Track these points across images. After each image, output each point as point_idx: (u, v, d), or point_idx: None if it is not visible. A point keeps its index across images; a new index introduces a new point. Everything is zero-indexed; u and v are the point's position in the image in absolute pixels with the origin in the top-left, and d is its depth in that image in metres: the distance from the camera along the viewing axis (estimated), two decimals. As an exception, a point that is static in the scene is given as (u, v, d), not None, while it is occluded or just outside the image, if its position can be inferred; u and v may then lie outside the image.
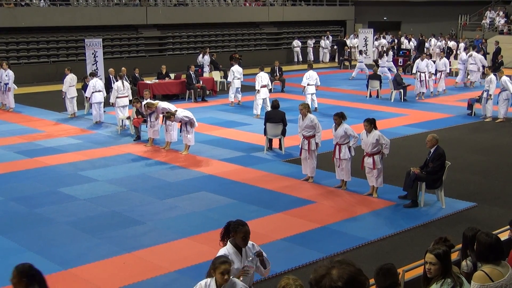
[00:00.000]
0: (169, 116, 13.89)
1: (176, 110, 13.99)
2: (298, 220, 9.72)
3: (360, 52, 28.94)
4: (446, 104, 20.74)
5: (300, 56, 34.22)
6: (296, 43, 34.15)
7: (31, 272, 4.80)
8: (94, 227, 9.40)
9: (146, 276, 7.69)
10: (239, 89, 20.73)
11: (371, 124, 10.74)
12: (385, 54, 27.43)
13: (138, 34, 29.97)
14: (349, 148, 11.13)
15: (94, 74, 18.86)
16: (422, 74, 21.79)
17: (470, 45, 31.87)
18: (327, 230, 9.30)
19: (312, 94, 19.03)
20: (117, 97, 16.71)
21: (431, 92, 22.40)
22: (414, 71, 22.45)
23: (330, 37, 35.06)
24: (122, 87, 17.00)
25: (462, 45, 31.13)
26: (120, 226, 9.45)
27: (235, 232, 5.70)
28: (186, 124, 13.81)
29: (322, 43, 34.66)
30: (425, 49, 31.58)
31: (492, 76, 18.14)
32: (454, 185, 11.38)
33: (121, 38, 29.28)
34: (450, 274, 4.90)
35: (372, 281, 5.03)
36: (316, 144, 11.69)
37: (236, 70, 20.78)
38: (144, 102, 14.75)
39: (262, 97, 18.48)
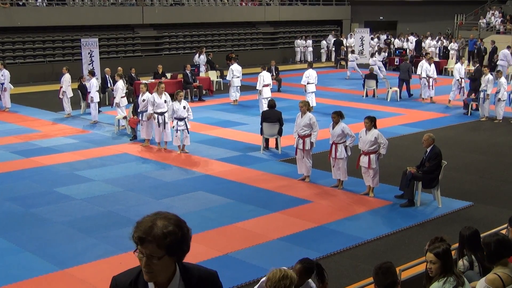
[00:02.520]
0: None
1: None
2: (294, 219, 9.72)
3: (352, 52, 28.95)
4: (442, 103, 20.76)
5: (299, 56, 34.26)
6: (297, 43, 34.24)
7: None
8: (91, 227, 9.38)
9: (142, 276, 7.67)
10: (239, 88, 20.74)
11: (371, 121, 10.75)
12: (376, 53, 27.45)
13: (134, 33, 29.93)
14: (346, 147, 11.14)
15: (93, 73, 18.79)
16: (430, 79, 21.01)
17: (467, 44, 31.95)
18: (323, 229, 9.30)
19: (312, 92, 19.03)
20: (121, 97, 16.68)
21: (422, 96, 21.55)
22: (419, 72, 21.32)
23: (330, 37, 34.98)
24: (124, 87, 17.04)
25: (455, 45, 31.12)
26: (117, 226, 9.43)
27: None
28: (178, 122, 13.78)
29: (324, 43, 34.70)
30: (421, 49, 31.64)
31: (489, 75, 18.11)
32: (451, 184, 11.40)
33: (117, 38, 29.22)
34: (453, 273, 4.88)
35: (368, 280, 5.03)
36: (311, 143, 11.69)
37: (236, 69, 20.82)
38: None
39: (265, 97, 18.38)
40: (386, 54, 29.86)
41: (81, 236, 9.04)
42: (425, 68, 21.12)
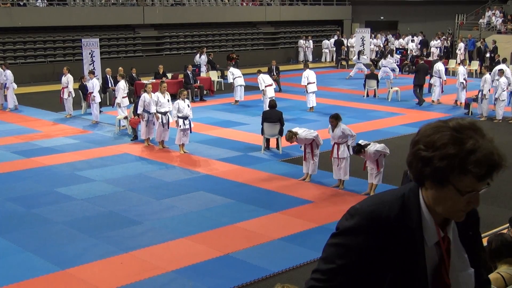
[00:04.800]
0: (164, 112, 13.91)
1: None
2: (295, 219, 9.72)
3: (359, 53, 28.94)
4: (443, 103, 20.75)
5: (301, 55, 34.30)
6: (300, 43, 34.35)
7: None
8: (91, 227, 9.38)
9: (143, 276, 7.68)
10: (243, 87, 20.73)
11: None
12: (389, 55, 27.39)
13: (135, 34, 29.94)
14: (348, 146, 11.16)
15: (93, 73, 18.80)
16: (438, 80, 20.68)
17: (466, 44, 31.90)
18: (324, 229, 9.28)
19: (313, 93, 19.02)
20: (122, 97, 16.71)
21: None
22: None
23: (336, 37, 34.96)
24: (126, 87, 17.06)
25: (462, 44, 31.05)
26: (118, 226, 9.44)
27: None
28: (184, 121, 13.81)
29: (327, 43, 34.72)
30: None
31: (487, 75, 18.10)
32: (451, 184, 11.37)
33: (118, 38, 29.24)
34: None
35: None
36: (317, 145, 11.76)
37: (235, 71, 20.86)
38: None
39: (269, 96, 18.34)
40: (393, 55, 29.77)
41: (82, 236, 9.04)
42: (462, 72, 20.31)
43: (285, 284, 4.66)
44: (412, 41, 33.38)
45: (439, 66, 20.91)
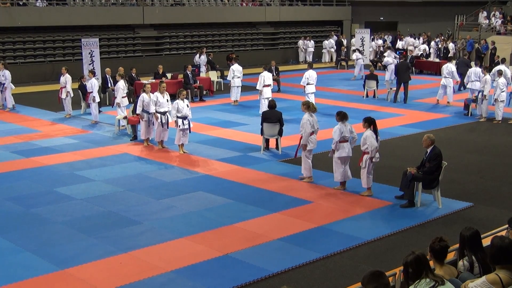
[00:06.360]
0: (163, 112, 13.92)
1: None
2: (294, 220, 9.72)
3: (359, 50, 28.84)
4: (442, 104, 20.76)
5: (301, 56, 34.28)
6: (299, 44, 34.36)
7: None
8: (91, 227, 9.38)
9: (142, 276, 7.68)
10: (240, 88, 20.74)
11: (365, 122, 10.89)
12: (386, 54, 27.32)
13: (134, 33, 29.93)
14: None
15: (93, 73, 18.78)
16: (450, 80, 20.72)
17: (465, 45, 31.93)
18: (323, 230, 9.30)
19: (312, 93, 19.02)
20: (122, 97, 16.71)
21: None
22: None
23: (335, 37, 34.87)
24: (125, 87, 17.05)
25: (452, 45, 31.03)
26: (117, 226, 9.44)
27: None
28: (183, 121, 13.81)
29: (326, 43, 34.68)
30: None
31: (487, 76, 18.13)
32: (451, 185, 11.40)
33: (117, 38, 29.23)
34: (427, 276, 4.99)
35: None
36: (303, 145, 11.67)
37: (236, 69, 20.84)
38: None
39: (266, 97, 18.33)
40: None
41: (81, 236, 9.04)
42: (445, 68, 20.61)
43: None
44: (421, 43, 33.12)
45: (451, 67, 20.87)
